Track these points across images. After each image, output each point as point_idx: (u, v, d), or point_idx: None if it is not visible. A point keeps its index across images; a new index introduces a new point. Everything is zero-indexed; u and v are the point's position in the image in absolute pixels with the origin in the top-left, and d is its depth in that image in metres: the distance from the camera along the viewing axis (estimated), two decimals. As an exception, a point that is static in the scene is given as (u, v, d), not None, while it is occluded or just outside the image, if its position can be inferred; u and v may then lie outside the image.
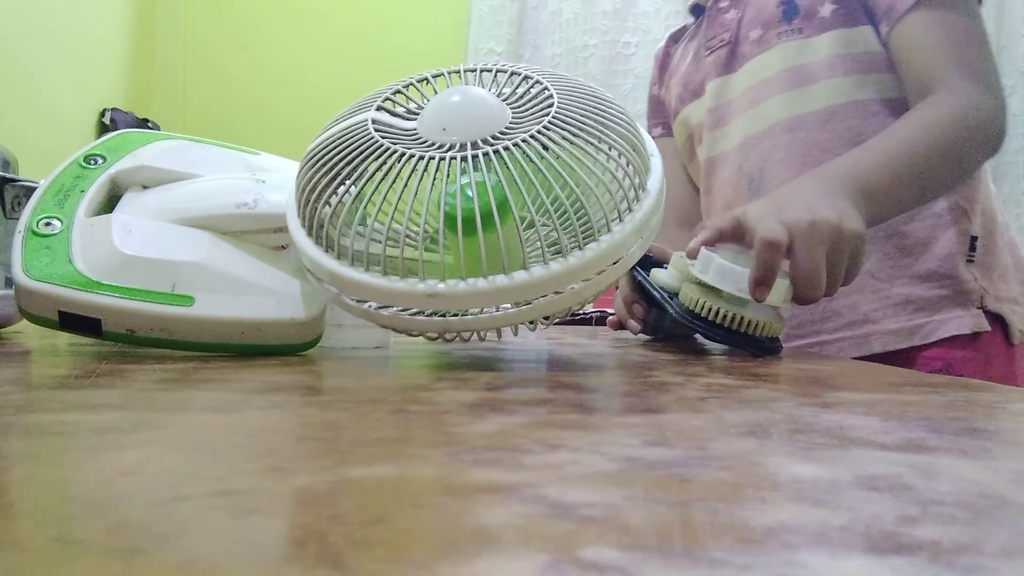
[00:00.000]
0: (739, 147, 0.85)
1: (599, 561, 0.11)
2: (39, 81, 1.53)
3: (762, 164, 0.82)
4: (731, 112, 0.87)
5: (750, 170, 0.83)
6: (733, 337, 0.51)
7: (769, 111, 0.82)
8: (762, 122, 0.82)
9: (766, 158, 0.81)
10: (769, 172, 0.81)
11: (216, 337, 0.41)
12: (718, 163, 0.88)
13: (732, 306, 0.51)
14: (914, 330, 0.75)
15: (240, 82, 2.06)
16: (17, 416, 0.22)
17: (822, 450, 0.20)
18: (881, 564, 0.12)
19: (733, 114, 0.86)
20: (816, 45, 0.79)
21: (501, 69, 0.43)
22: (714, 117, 0.89)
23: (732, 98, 0.86)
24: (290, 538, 0.12)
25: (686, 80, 0.93)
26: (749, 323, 0.51)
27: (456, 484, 0.16)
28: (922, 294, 0.75)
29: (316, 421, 0.23)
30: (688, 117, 0.93)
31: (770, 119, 0.82)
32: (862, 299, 0.77)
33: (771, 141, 0.81)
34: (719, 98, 0.88)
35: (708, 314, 0.51)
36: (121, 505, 0.14)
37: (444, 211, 0.36)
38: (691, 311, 0.53)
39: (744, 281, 0.50)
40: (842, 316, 0.77)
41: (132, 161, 0.48)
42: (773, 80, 0.82)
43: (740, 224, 0.56)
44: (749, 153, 0.83)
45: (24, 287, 0.40)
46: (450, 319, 0.38)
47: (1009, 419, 0.27)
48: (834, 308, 0.77)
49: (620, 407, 0.27)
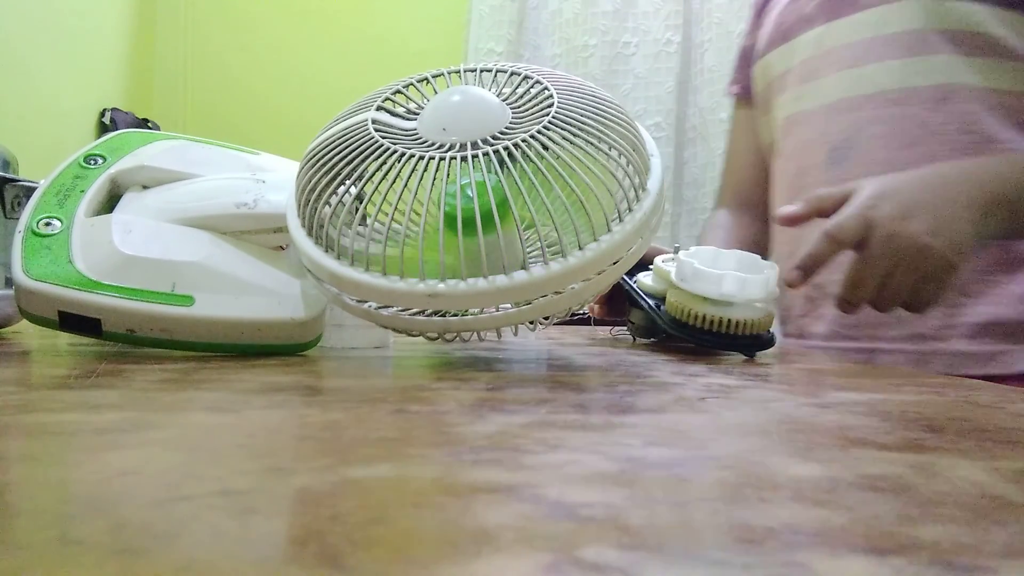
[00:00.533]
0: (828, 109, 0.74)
1: (599, 561, 0.11)
2: (39, 81, 1.53)
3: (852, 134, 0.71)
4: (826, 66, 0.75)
5: (836, 138, 0.73)
6: (724, 341, 0.51)
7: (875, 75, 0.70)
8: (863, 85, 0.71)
9: (859, 128, 0.71)
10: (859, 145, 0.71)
11: (216, 337, 0.41)
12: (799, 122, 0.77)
13: (717, 309, 0.50)
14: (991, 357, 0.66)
15: (240, 82, 2.06)
16: (17, 416, 0.22)
17: (822, 450, 0.20)
18: (881, 564, 0.12)
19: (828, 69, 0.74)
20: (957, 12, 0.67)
21: (501, 69, 0.43)
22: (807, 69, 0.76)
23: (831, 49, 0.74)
24: (290, 538, 0.12)
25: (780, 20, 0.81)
26: (738, 324, 0.50)
27: (456, 484, 0.16)
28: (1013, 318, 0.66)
29: (316, 421, 0.23)
30: (772, 63, 0.82)
31: (874, 84, 0.70)
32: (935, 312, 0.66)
33: (870, 111, 0.70)
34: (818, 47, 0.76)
35: (694, 320, 0.51)
36: (121, 505, 0.14)
37: (444, 211, 0.36)
38: (677, 320, 0.52)
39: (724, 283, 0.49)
40: (904, 326, 0.69)
41: (132, 161, 0.48)
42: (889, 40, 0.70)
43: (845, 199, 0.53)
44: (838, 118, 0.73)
45: (24, 287, 0.40)
46: (450, 319, 0.38)
47: (1009, 419, 0.27)
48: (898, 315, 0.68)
49: (620, 407, 0.27)
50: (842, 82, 0.73)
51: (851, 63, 0.72)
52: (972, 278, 0.67)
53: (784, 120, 0.79)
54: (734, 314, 0.50)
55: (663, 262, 0.58)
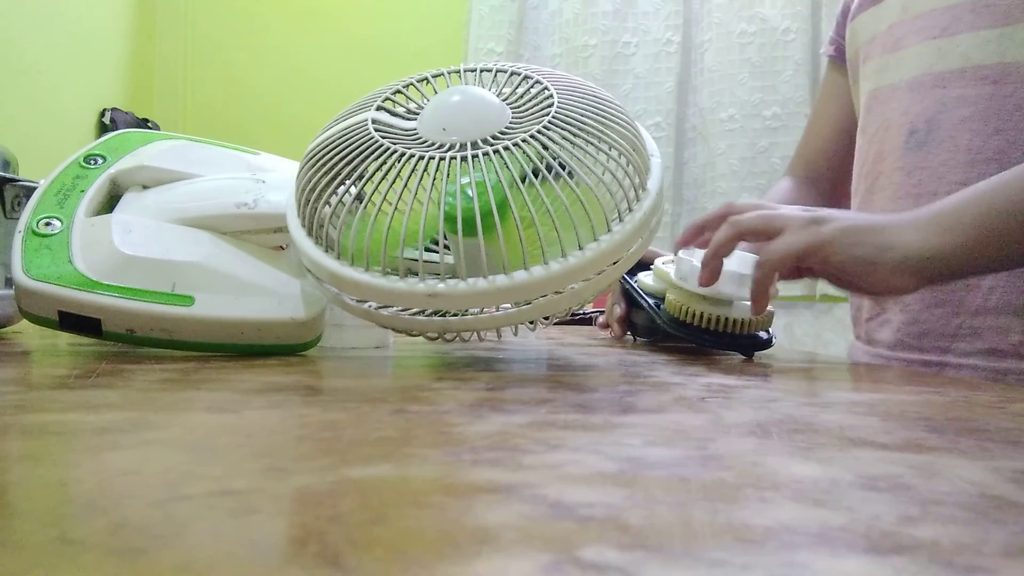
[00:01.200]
0: (911, 85, 0.65)
1: (599, 561, 0.11)
2: (39, 81, 1.52)
3: (935, 115, 0.63)
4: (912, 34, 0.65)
5: (916, 118, 0.64)
6: (723, 340, 0.51)
7: (966, 48, 0.61)
8: (951, 59, 0.62)
9: (944, 108, 0.62)
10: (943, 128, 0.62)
11: (216, 337, 0.41)
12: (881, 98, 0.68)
13: (716, 308, 0.50)
14: None
15: (240, 82, 2.06)
16: (17, 416, 0.22)
17: (822, 450, 0.20)
18: (881, 564, 0.12)
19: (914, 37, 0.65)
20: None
21: (501, 69, 0.43)
22: (893, 36, 0.67)
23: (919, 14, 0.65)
24: (290, 538, 0.12)
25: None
26: (736, 323, 0.50)
27: (456, 484, 0.16)
28: None
29: (316, 421, 0.23)
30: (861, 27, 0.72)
31: (964, 57, 0.61)
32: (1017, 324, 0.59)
33: (959, 89, 0.61)
34: (905, 10, 0.66)
35: (693, 319, 0.50)
36: (121, 505, 0.14)
37: (444, 211, 0.36)
38: (676, 319, 0.52)
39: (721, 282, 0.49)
40: (981, 338, 0.61)
41: (132, 161, 0.48)
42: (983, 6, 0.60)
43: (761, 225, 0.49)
44: (923, 96, 0.64)
45: (24, 287, 0.40)
46: (450, 319, 0.38)
47: (1009, 419, 0.27)
48: (973, 326, 0.61)
49: (620, 407, 0.27)
50: (928, 54, 0.63)
51: (939, 32, 0.63)
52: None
53: (867, 95, 0.71)
54: (733, 313, 0.50)
55: (663, 263, 0.58)
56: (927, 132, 0.63)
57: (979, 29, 0.61)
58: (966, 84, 0.61)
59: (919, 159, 0.63)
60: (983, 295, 0.61)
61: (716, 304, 0.50)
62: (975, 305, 0.61)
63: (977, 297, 0.61)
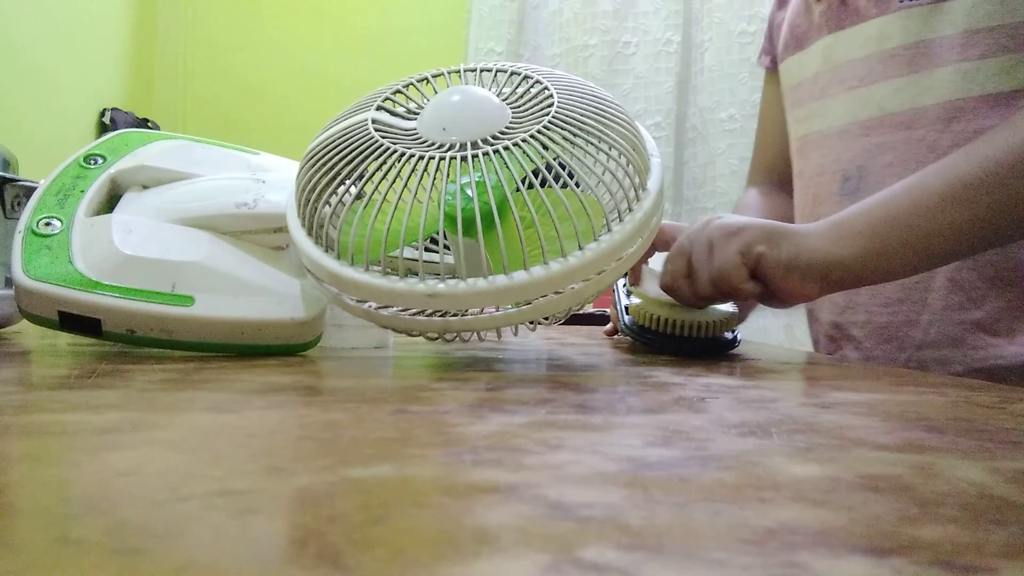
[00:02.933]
0: (840, 134, 0.69)
1: (599, 561, 0.11)
2: (39, 81, 1.52)
3: (864, 162, 0.67)
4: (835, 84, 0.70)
5: (848, 166, 0.68)
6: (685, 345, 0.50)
7: (881, 97, 0.66)
8: (871, 109, 0.67)
9: (870, 155, 0.67)
10: (872, 174, 0.66)
11: (216, 337, 0.41)
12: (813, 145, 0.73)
13: (680, 313, 0.50)
14: None
15: (241, 82, 2.06)
16: (17, 416, 0.22)
17: (822, 450, 0.20)
18: (881, 564, 0.12)
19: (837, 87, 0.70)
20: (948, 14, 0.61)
21: (501, 69, 0.43)
22: (818, 85, 0.72)
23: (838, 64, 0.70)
24: (290, 538, 0.12)
25: (793, 24, 0.76)
26: (700, 326, 0.49)
27: (456, 484, 0.16)
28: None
29: (316, 421, 0.23)
30: (787, 71, 0.78)
31: (882, 108, 0.66)
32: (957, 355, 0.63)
33: (880, 136, 0.66)
34: (827, 60, 0.71)
35: (657, 326, 0.50)
36: (121, 505, 0.14)
37: (444, 211, 0.36)
38: (640, 324, 0.52)
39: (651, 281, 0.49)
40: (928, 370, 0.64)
41: (132, 161, 0.48)
42: (890, 58, 0.65)
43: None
44: (850, 144, 0.68)
45: (24, 287, 0.40)
46: (450, 319, 0.38)
47: (1009, 419, 0.27)
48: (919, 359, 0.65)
49: (620, 407, 0.27)
50: (850, 103, 0.69)
51: (857, 82, 0.68)
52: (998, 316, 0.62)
53: (799, 139, 0.76)
54: (698, 316, 0.49)
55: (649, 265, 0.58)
56: (859, 178, 0.67)
57: (890, 78, 0.65)
58: (884, 131, 0.66)
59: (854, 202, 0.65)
60: (923, 330, 0.65)
61: (675, 308, 0.50)
62: (917, 340, 0.65)
63: (918, 332, 0.65)
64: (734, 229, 0.50)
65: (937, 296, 0.64)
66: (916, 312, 0.65)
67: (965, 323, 0.63)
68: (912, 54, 0.64)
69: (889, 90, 0.65)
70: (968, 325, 0.63)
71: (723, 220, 0.51)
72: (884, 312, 0.68)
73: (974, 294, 0.63)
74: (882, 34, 0.66)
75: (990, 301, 0.62)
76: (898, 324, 0.67)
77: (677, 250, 0.51)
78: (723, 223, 0.51)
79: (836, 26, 0.70)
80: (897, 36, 0.65)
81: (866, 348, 0.69)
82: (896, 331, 0.67)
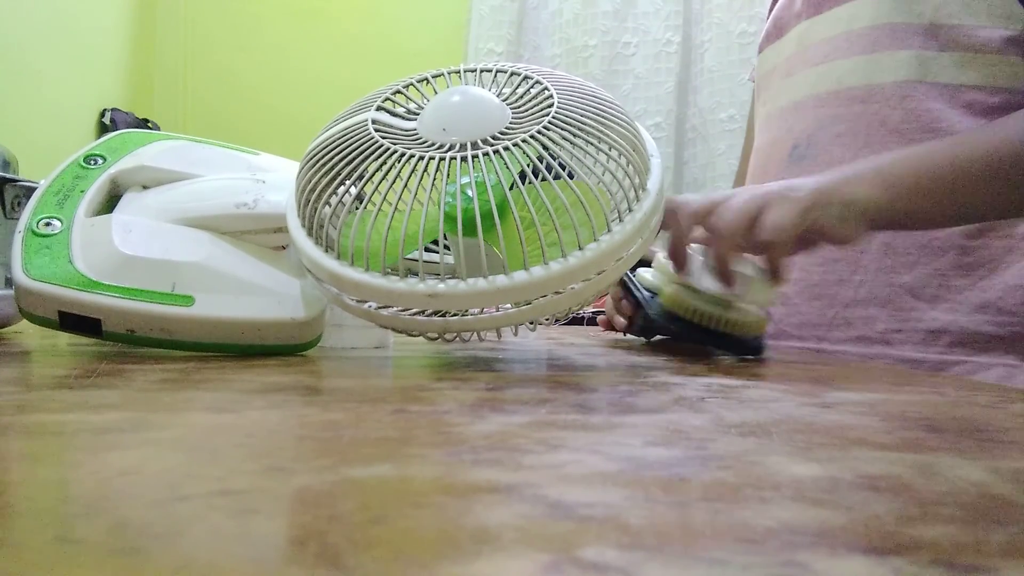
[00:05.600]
0: (795, 106, 0.73)
1: (599, 561, 0.11)
2: (39, 81, 1.52)
3: (814, 131, 0.70)
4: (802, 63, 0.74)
5: (799, 135, 0.71)
6: (713, 338, 0.50)
7: (841, 72, 0.69)
8: (829, 83, 0.70)
9: (821, 126, 0.70)
10: (820, 143, 0.69)
11: (216, 337, 0.41)
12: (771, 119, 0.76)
13: (714, 307, 0.50)
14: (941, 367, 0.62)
15: (240, 82, 2.06)
16: (17, 416, 0.22)
17: (822, 450, 0.20)
18: (881, 564, 0.12)
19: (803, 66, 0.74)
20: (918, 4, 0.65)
21: (501, 69, 0.43)
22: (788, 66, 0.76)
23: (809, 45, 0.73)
24: (290, 538, 0.12)
25: (776, 16, 0.80)
26: (731, 323, 0.49)
27: (456, 484, 0.16)
28: (968, 326, 0.62)
29: (316, 421, 0.23)
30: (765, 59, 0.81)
31: (840, 82, 0.69)
32: (883, 315, 0.66)
33: (834, 109, 0.69)
34: (799, 43, 0.75)
35: (689, 316, 0.50)
36: (121, 505, 0.14)
37: (444, 211, 0.36)
38: (670, 313, 0.51)
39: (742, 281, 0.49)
40: (852, 327, 0.67)
41: (132, 161, 0.48)
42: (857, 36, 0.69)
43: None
44: (803, 115, 0.72)
45: (24, 287, 0.40)
46: (450, 319, 0.38)
47: (1009, 419, 0.27)
48: (846, 316, 0.68)
49: (620, 407, 0.27)
50: (810, 79, 0.72)
51: (820, 60, 0.71)
52: (925, 282, 0.65)
53: (762, 118, 0.79)
54: (731, 314, 0.49)
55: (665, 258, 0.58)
56: (807, 146, 0.70)
57: (851, 56, 0.69)
58: (839, 104, 0.69)
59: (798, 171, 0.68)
60: (854, 288, 0.68)
61: (714, 303, 0.50)
62: (847, 298, 0.68)
63: (848, 290, 0.68)
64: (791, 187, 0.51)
65: (871, 258, 0.67)
66: (850, 271, 0.68)
67: (894, 285, 0.66)
68: (877, 35, 0.67)
69: (849, 65, 0.69)
70: (896, 287, 0.66)
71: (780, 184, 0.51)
72: (818, 270, 0.70)
73: (906, 259, 0.66)
74: (852, 16, 0.69)
75: (920, 267, 0.65)
76: (829, 282, 0.69)
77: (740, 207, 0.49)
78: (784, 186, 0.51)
79: (814, 11, 0.73)
80: (866, 18, 0.68)
81: (794, 304, 0.71)
82: (827, 289, 0.69)
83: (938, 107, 0.64)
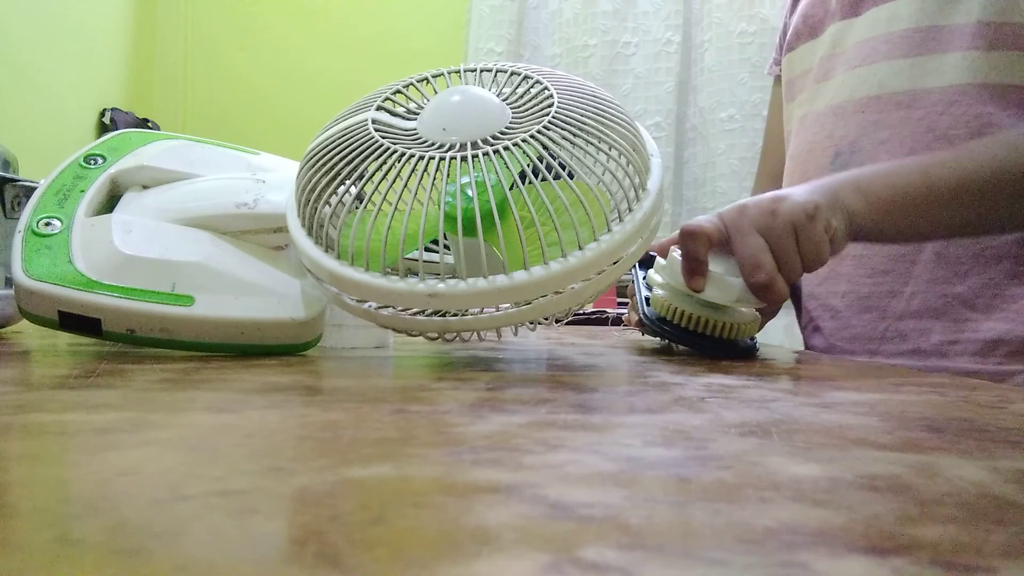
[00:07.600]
0: (834, 110, 0.71)
1: (599, 561, 0.11)
2: (39, 81, 1.52)
3: (857, 137, 0.68)
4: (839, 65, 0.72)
5: (840, 141, 0.69)
6: (705, 342, 0.49)
7: (883, 76, 0.67)
8: (870, 87, 0.68)
9: (864, 132, 0.68)
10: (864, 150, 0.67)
11: (216, 337, 0.41)
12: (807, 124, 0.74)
13: (706, 311, 0.49)
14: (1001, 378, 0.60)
15: (240, 82, 2.06)
16: (17, 416, 0.22)
17: (822, 450, 0.20)
18: (881, 564, 0.12)
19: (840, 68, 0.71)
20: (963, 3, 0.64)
21: (501, 69, 0.43)
22: (823, 68, 0.73)
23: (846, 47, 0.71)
24: (290, 538, 0.12)
25: (807, 13, 0.78)
26: (723, 327, 0.49)
27: (456, 484, 0.16)
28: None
29: (316, 421, 0.23)
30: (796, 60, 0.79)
31: (882, 86, 0.67)
32: (937, 326, 0.64)
33: (876, 114, 0.67)
34: (834, 44, 0.73)
35: (679, 319, 0.49)
36: (121, 505, 0.14)
37: (444, 211, 0.36)
38: (661, 317, 0.51)
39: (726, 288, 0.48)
40: (907, 340, 0.66)
41: (132, 161, 0.48)
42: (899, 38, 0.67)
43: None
44: (844, 120, 0.69)
45: (24, 287, 0.40)
46: (450, 319, 0.38)
47: (1009, 419, 0.27)
48: (899, 329, 0.66)
49: (620, 407, 0.27)
50: (849, 82, 0.70)
51: (859, 62, 0.69)
52: (979, 292, 0.63)
53: (798, 120, 0.77)
54: (724, 317, 0.49)
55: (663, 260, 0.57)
56: (851, 154, 0.68)
57: (894, 59, 0.67)
58: (882, 109, 0.67)
59: None
60: (906, 300, 0.67)
61: (705, 307, 0.50)
62: (899, 310, 0.67)
63: (900, 303, 0.67)
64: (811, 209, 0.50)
65: (924, 268, 0.66)
66: (901, 283, 0.67)
67: (948, 296, 0.65)
68: (921, 37, 0.65)
69: (892, 70, 0.67)
70: (950, 298, 0.64)
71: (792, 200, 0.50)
72: (868, 282, 0.69)
73: (959, 268, 0.65)
74: (893, 16, 0.67)
75: (973, 276, 0.64)
76: (880, 294, 0.68)
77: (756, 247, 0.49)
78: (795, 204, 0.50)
79: (850, 12, 0.72)
80: (908, 19, 0.66)
81: (844, 318, 0.70)
82: (878, 301, 0.68)
83: (989, 110, 0.62)
